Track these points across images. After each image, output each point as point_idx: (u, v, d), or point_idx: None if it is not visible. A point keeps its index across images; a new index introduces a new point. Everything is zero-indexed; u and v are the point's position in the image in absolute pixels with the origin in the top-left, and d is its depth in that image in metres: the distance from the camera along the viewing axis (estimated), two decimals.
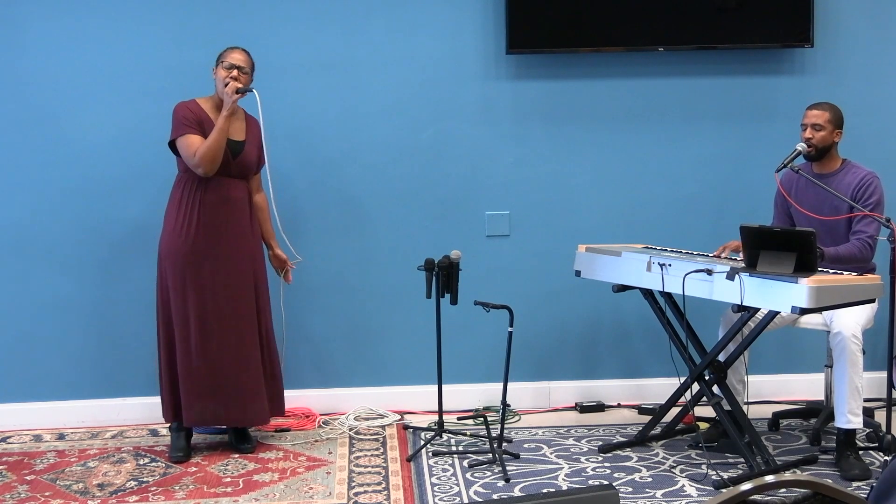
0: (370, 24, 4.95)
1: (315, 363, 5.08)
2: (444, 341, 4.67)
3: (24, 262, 4.91)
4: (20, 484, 4.26)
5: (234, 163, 4.43)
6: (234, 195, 4.45)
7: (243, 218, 4.49)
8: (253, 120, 4.53)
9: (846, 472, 4.13)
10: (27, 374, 4.96)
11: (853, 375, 4.12)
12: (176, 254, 4.41)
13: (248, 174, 4.53)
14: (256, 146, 4.52)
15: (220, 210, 4.41)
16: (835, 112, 4.38)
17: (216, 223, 4.40)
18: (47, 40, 4.83)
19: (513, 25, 4.89)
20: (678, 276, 4.11)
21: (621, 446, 4.51)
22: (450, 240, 4.86)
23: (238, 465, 4.43)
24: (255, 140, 4.51)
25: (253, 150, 4.50)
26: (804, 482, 2.09)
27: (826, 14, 5.01)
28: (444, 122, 5.02)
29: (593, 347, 5.19)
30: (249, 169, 4.52)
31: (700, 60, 5.05)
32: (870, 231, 4.30)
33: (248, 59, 4.44)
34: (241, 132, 4.48)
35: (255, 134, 4.52)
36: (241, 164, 4.46)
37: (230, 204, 4.44)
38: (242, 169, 4.48)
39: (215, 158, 4.34)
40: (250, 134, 4.51)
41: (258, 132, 4.52)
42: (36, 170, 4.88)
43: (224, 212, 4.42)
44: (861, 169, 4.39)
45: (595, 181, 5.09)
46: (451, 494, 4.04)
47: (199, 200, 4.40)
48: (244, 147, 4.47)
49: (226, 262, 4.41)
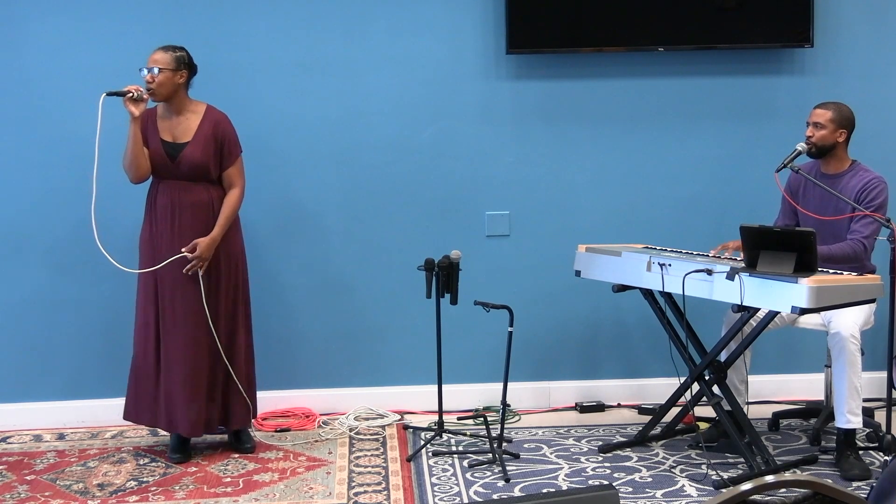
0: (370, 24, 4.95)
1: (315, 363, 5.08)
2: (444, 341, 4.67)
3: (24, 261, 4.91)
4: (20, 484, 4.26)
5: (173, 165, 4.33)
6: (187, 199, 4.35)
7: (199, 222, 4.36)
8: (215, 117, 4.41)
9: (846, 472, 4.13)
10: (27, 374, 4.96)
11: (852, 375, 4.12)
12: (141, 259, 4.44)
13: (201, 176, 4.36)
14: (205, 146, 4.34)
15: (173, 214, 4.34)
16: (840, 113, 4.37)
17: (171, 227, 4.35)
18: (47, 40, 4.83)
19: (513, 25, 4.89)
20: (678, 276, 4.11)
21: (621, 446, 4.51)
22: (450, 240, 4.86)
23: (238, 465, 4.42)
24: (204, 140, 4.35)
25: (197, 151, 4.33)
26: (804, 482, 2.09)
27: (826, 14, 5.01)
28: (444, 122, 5.02)
29: (593, 347, 5.19)
30: (200, 170, 4.34)
31: (700, 60, 5.05)
32: (865, 232, 4.28)
33: (167, 55, 4.30)
34: (186, 133, 4.36)
35: (208, 133, 4.36)
36: (183, 166, 4.33)
37: (183, 208, 4.35)
38: (190, 171, 4.34)
39: (130, 165, 4.32)
40: (200, 134, 4.36)
41: (216, 130, 4.37)
42: (36, 170, 4.88)
43: (178, 216, 4.35)
44: (869, 172, 4.37)
45: (595, 181, 5.09)
46: (451, 494, 4.04)
47: (153, 205, 4.41)
48: (185, 148, 4.34)
49: (180, 265, 4.34)
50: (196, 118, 4.40)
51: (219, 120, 4.42)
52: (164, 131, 4.38)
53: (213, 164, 4.38)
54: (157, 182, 4.41)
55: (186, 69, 4.37)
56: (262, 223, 4.93)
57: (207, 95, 4.51)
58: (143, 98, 4.27)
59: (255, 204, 4.80)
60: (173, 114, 4.39)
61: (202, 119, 4.39)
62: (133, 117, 4.27)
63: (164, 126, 4.39)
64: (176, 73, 4.33)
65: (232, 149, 4.43)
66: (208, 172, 4.38)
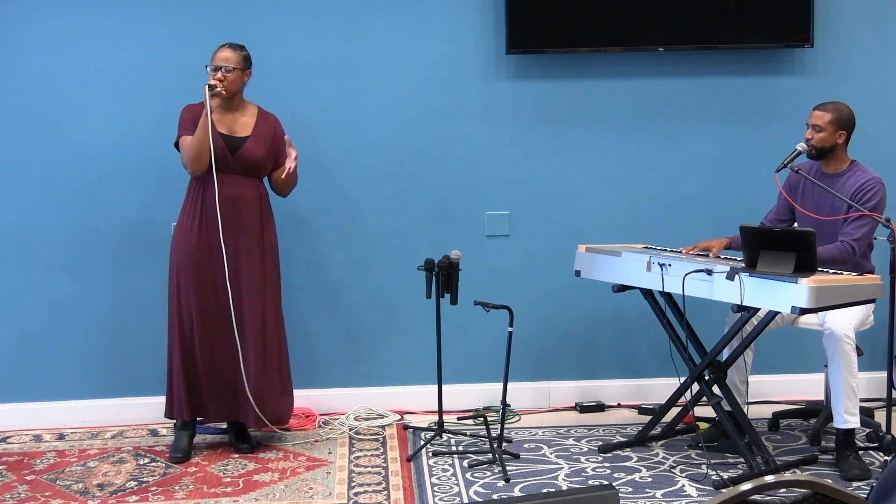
0: (370, 24, 4.95)
1: (315, 363, 5.08)
2: (444, 341, 4.67)
3: (24, 261, 4.91)
4: (20, 484, 4.26)
5: (232, 158, 4.39)
6: (239, 194, 4.41)
7: (250, 217, 4.44)
8: (270, 118, 4.52)
9: (846, 472, 4.13)
10: (27, 374, 4.96)
11: (847, 375, 4.12)
12: (181, 252, 4.43)
13: (256, 172, 4.46)
14: (265, 143, 4.45)
15: (224, 209, 4.35)
16: (840, 114, 4.36)
17: (225, 221, 4.34)
18: (47, 40, 4.83)
19: (513, 25, 4.89)
20: (678, 276, 4.12)
21: (621, 446, 4.51)
22: (450, 240, 4.85)
23: (238, 465, 4.43)
24: (263, 137, 4.46)
25: (258, 147, 4.43)
26: (804, 482, 2.09)
27: (826, 14, 5.01)
28: (444, 123, 5.02)
29: (593, 347, 5.19)
30: (256, 166, 4.44)
31: (700, 60, 5.05)
32: (855, 235, 4.26)
33: (235, 54, 4.39)
34: (246, 128, 4.45)
35: (266, 131, 4.47)
36: (242, 160, 4.41)
37: (235, 202, 4.40)
38: (246, 165, 4.42)
39: (198, 157, 4.31)
40: (259, 130, 4.46)
41: (271, 130, 4.49)
42: (36, 170, 4.88)
43: (229, 210, 4.37)
44: (867, 173, 4.36)
45: (595, 181, 5.09)
46: (451, 494, 4.04)
47: (201, 199, 4.40)
48: (245, 143, 4.42)
49: (231, 261, 4.37)
50: (251, 116, 4.49)
51: (274, 121, 4.54)
52: (220, 125, 4.42)
53: (269, 161, 4.48)
54: (206, 176, 4.37)
55: (250, 68, 4.47)
56: None
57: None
58: (222, 94, 4.34)
59: None
60: (229, 111, 4.44)
61: (258, 118, 4.49)
62: (211, 110, 4.32)
63: (220, 121, 4.42)
64: (244, 71, 4.44)
65: (281, 149, 4.50)
66: (264, 168, 4.49)
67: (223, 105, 4.43)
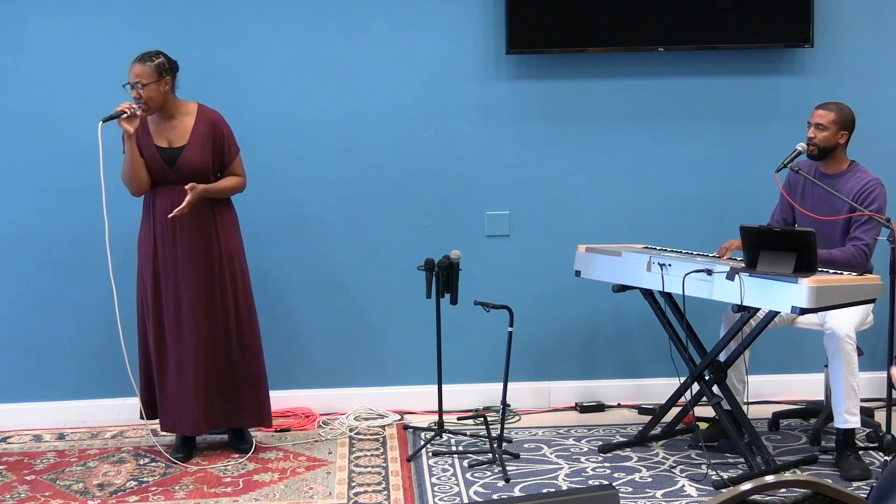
0: (370, 24, 4.95)
1: (315, 363, 5.08)
2: (444, 341, 4.67)
3: (24, 261, 4.91)
4: (20, 484, 4.26)
5: (172, 170, 4.29)
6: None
7: (202, 223, 4.33)
8: (209, 116, 4.36)
9: (846, 472, 4.13)
10: (27, 374, 4.96)
11: (848, 375, 4.12)
12: (142, 261, 4.42)
13: (201, 178, 4.29)
14: (202, 147, 4.31)
15: (172, 219, 4.27)
16: (842, 114, 4.36)
17: (172, 231, 4.31)
18: (47, 40, 4.83)
19: (513, 25, 4.89)
20: (678, 276, 4.12)
21: (621, 446, 4.51)
22: (450, 240, 4.85)
23: (238, 465, 4.43)
24: (201, 141, 4.31)
25: (195, 154, 4.29)
26: (804, 482, 2.09)
27: (826, 14, 5.01)
28: (444, 122, 5.02)
29: (593, 347, 5.19)
30: (196, 173, 4.28)
31: (700, 60, 5.05)
32: (866, 239, 4.27)
33: (145, 67, 4.21)
34: (183, 136, 4.31)
35: (204, 133, 4.32)
36: (181, 171, 4.28)
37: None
38: (190, 174, 4.27)
39: (131, 180, 4.28)
40: (196, 135, 4.31)
41: (210, 129, 4.33)
42: (36, 170, 4.88)
43: (175, 220, 4.28)
44: (867, 174, 4.36)
45: (595, 181, 5.09)
46: (451, 494, 4.04)
47: (153, 207, 4.36)
48: (182, 153, 4.29)
49: (183, 267, 4.33)
50: (189, 119, 4.34)
51: (214, 120, 4.37)
52: (157, 137, 4.33)
53: (212, 164, 4.36)
54: (155, 187, 4.36)
55: (169, 74, 4.28)
56: (262, 223, 4.93)
57: (206, 95, 4.51)
58: (137, 115, 4.21)
59: (255, 204, 4.80)
60: (165, 119, 4.34)
61: (196, 120, 4.34)
62: (128, 135, 4.20)
63: (157, 132, 4.34)
64: (160, 82, 4.24)
65: (231, 147, 4.41)
66: (208, 174, 4.35)
67: (157, 115, 4.32)
